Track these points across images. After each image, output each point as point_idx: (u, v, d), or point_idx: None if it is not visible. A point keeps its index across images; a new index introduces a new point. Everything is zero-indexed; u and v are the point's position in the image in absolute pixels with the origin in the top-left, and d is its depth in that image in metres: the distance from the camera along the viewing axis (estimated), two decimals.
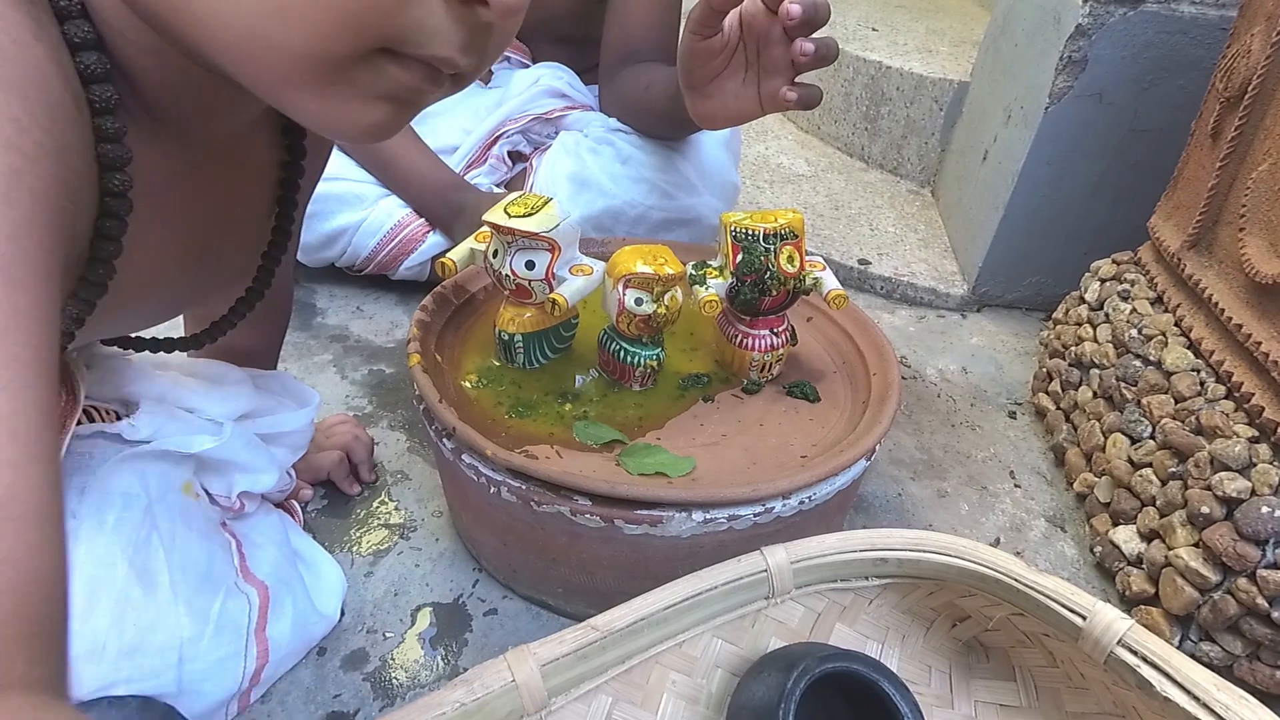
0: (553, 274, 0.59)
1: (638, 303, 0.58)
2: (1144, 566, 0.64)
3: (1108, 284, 0.83)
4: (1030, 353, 1.01)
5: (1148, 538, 0.65)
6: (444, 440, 0.56)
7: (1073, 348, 0.82)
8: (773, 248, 0.60)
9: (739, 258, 0.60)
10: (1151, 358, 0.71)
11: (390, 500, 0.70)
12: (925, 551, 0.46)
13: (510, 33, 0.34)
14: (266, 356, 0.65)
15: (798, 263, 0.61)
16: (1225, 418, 0.61)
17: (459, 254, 0.61)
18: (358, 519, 0.68)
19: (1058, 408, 0.84)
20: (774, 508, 0.52)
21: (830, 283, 0.63)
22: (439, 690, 0.38)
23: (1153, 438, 0.68)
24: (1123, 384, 0.73)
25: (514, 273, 0.59)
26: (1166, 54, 0.88)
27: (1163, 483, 0.65)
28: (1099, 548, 0.70)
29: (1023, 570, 0.44)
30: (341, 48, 0.29)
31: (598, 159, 0.91)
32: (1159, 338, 0.72)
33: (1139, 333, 0.74)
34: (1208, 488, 0.60)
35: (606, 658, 0.43)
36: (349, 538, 0.66)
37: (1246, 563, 0.56)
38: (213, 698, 0.47)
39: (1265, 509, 0.56)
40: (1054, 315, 0.91)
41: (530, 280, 0.59)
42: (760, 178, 1.33)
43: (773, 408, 0.63)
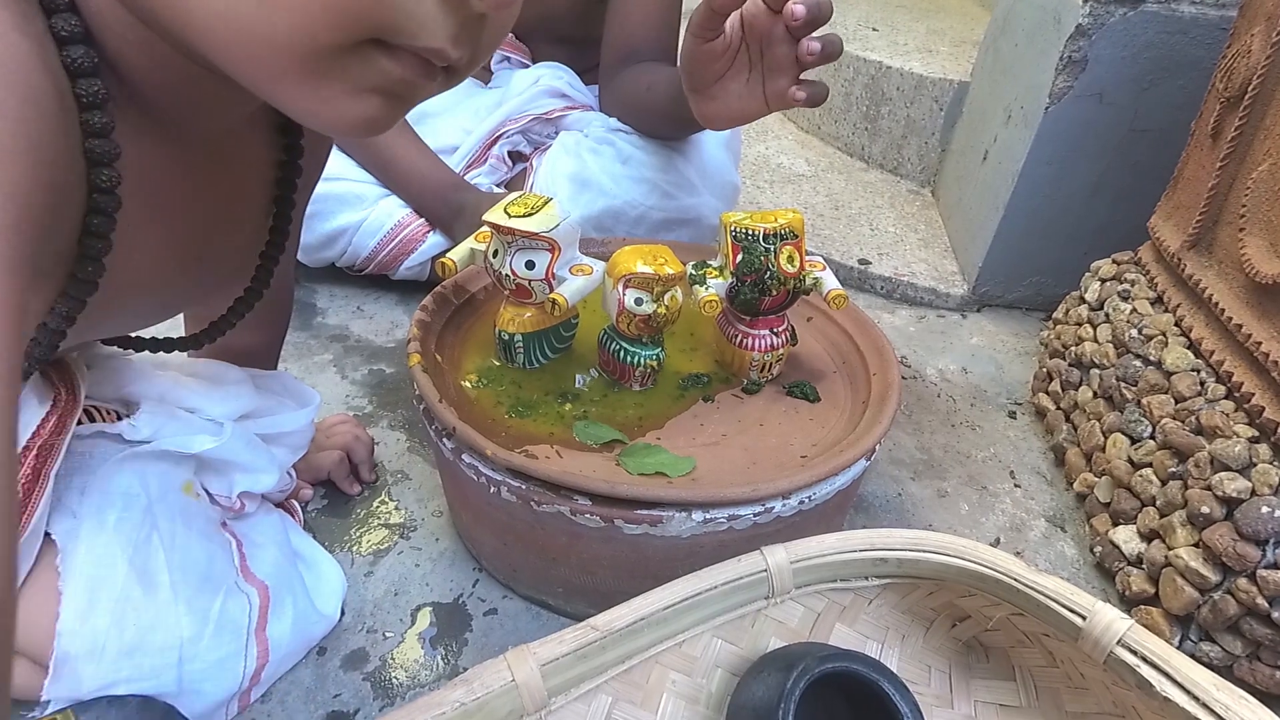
0: (553, 274, 0.59)
1: (638, 303, 0.58)
2: (1144, 566, 0.64)
3: (1108, 284, 0.83)
4: (1030, 353, 1.01)
5: (1148, 538, 0.65)
6: (444, 440, 0.56)
7: (1073, 348, 0.82)
8: (773, 248, 0.60)
9: (739, 258, 0.60)
10: (1151, 358, 0.71)
11: (390, 500, 0.70)
12: (925, 551, 0.46)
13: (505, 26, 0.34)
14: (267, 356, 0.65)
15: (798, 263, 0.61)
16: (1225, 418, 0.61)
17: (459, 254, 0.61)
18: (358, 519, 0.68)
19: (1058, 408, 0.84)
20: (774, 508, 0.52)
21: (830, 283, 0.63)
22: (439, 690, 0.38)
23: (1153, 438, 0.68)
24: (1123, 384, 0.73)
25: (514, 273, 0.59)
26: (1166, 54, 0.88)
27: (1163, 483, 0.65)
28: (1099, 548, 0.70)
29: (1023, 570, 0.44)
30: (328, 37, 0.28)
31: (598, 159, 0.91)
32: (1159, 338, 0.72)
33: (1139, 333, 0.74)
34: (1208, 488, 0.60)
35: (606, 657, 0.43)
36: (349, 537, 0.66)
37: (1246, 563, 0.56)
38: (213, 697, 0.47)
39: (1265, 509, 0.56)
40: (1054, 315, 0.91)
41: (530, 280, 0.59)
42: (760, 178, 1.33)
43: (773, 408, 0.63)
